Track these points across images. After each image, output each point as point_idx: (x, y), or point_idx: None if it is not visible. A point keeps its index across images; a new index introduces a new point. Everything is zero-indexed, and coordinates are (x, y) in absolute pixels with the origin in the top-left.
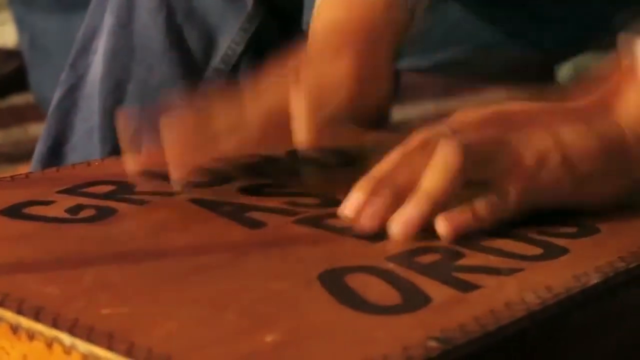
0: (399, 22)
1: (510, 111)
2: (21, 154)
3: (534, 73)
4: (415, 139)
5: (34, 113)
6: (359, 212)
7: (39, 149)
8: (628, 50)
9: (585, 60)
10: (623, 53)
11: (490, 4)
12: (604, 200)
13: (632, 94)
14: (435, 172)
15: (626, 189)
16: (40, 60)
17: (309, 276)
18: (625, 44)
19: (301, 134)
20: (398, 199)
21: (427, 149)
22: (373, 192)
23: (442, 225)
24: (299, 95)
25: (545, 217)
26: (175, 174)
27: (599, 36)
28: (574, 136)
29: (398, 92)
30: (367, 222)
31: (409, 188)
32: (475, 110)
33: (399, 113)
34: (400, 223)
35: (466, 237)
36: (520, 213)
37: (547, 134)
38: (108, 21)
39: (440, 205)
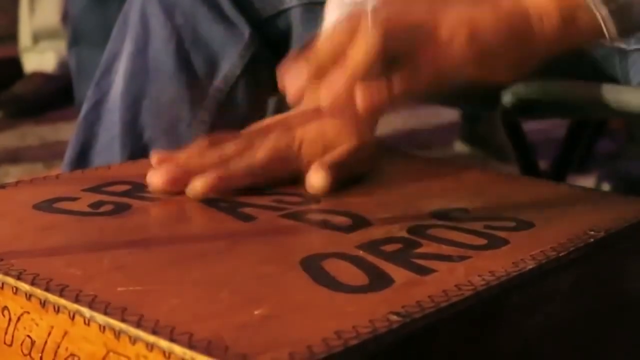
0: None
1: None
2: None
3: (481, 97)
4: (344, 17)
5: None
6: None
7: (68, 154)
8: None
9: (523, 87)
10: None
11: None
12: (507, 73)
13: None
14: (358, 46)
15: (528, 63)
16: (83, 80)
17: (292, 261)
18: None
19: (317, 182)
20: (323, 71)
21: (353, 24)
22: (300, 66)
23: (360, 96)
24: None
25: (488, 213)
26: (192, 187)
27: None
28: (480, 14)
29: None
30: (290, 90)
31: (334, 61)
32: None
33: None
34: (325, 92)
35: (423, 229)
36: (429, 88)
37: (457, 13)
38: (127, 47)
39: (361, 75)
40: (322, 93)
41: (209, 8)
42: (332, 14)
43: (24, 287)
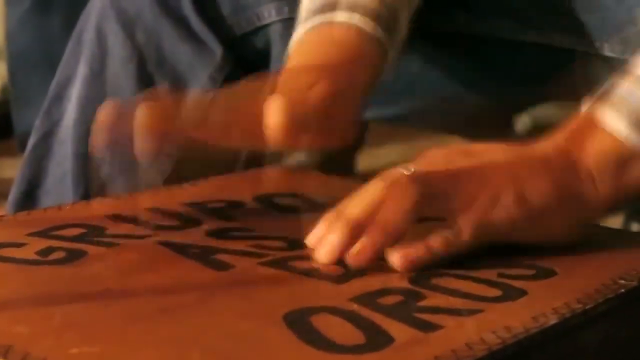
0: (373, 65)
1: (471, 151)
2: None
3: (492, 122)
4: (379, 177)
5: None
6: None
7: (13, 194)
8: (589, 106)
9: (542, 111)
10: (585, 108)
11: (450, 56)
12: (556, 238)
13: (588, 142)
14: (390, 206)
15: (578, 229)
16: (23, 107)
17: (274, 316)
18: (587, 102)
19: (274, 128)
20: (356, 233)
21: (386, 186)
22: (332, 227)
23: (395, 259)
24: (275, 97)
25: (503, 260)
26: (141, 143)
27: (555, 88)
28: (529, 175)
29: (365, 140)
30: (322, 256)
31: (366, 222)
32: (438, 150)
33: (366, 160)
34: (354, 254)
35: (427, 279)
36: (473, 247)
37: (503, 172)
38: (81, 70)
39: (394, 236)
40: (353, 254)
41: (175, 24)
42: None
43: None
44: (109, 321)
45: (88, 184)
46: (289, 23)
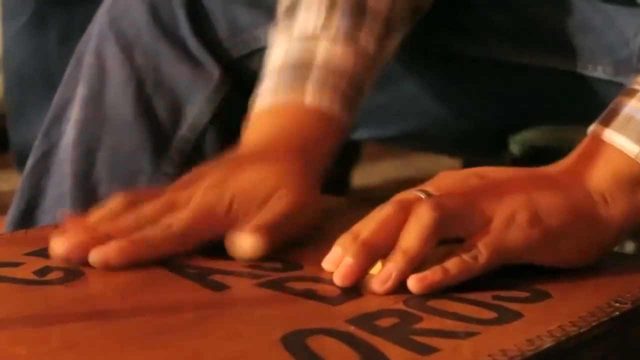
0: (332, 140)
1: (486, 175)
2: None
3: (486, 144)
4: (394, 200)
5: None
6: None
7: (12, 212)
8: (595, 128)
9: (535, 133)
10: (591, 131)
11: (443, 78)
12: (572, 260)
13: (599, 163)
14: (412, 232)
15: (595, 253)
16: (19, 123)
17: (272, 338)
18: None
19: (246, 247)
20: (373, 258)
21: (404, 210)
22: (348, 250)
23: (412, 282)
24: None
25: (498, 282)
26: (95, 255)
27: (548, 110)
28: (542, 195)
29: (359, 159)
30: (339, 280)
31: (384, 247)
32: (451, 172)
33: (360, 177)
34: (379, 281)
35: (423, 301)
36: (488, 269)
37: (518, 194)
38: (80, 92)
39: (416, 262)
40: (380, 280)
41: (173, 46)
42: (280, 49)
43: None
44: (106, 341)
45: (86, 204)
46: None
